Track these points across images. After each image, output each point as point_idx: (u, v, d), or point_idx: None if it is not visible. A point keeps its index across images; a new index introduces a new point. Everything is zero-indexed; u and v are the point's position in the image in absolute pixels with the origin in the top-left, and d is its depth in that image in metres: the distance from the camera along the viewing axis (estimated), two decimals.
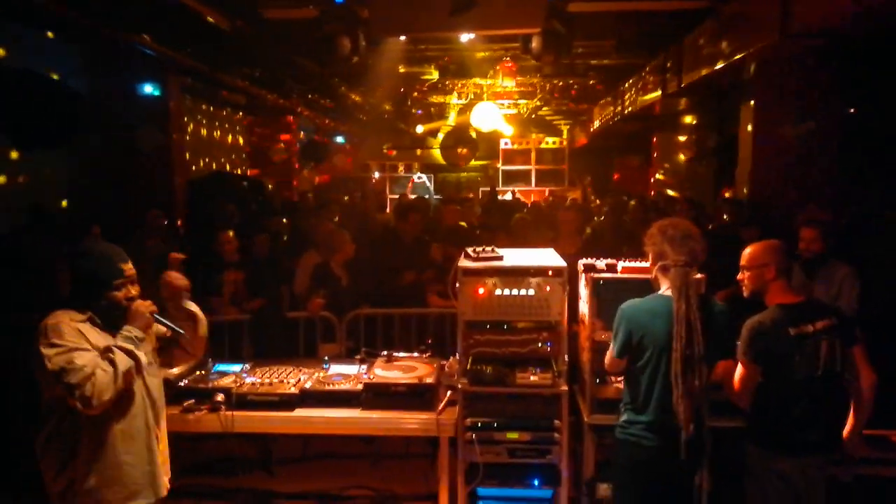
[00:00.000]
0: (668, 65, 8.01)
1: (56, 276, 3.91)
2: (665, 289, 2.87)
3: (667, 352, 2.75)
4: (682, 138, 11.66)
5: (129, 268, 2.70)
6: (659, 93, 8.45)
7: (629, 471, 2.94)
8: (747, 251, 3.06)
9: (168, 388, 3.51)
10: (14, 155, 6.64)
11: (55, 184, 7.38)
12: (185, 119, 9.06)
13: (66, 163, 7.40)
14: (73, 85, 6.71)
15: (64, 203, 7.52)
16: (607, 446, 3.28)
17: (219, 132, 10.73)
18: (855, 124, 6.28)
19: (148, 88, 7.79)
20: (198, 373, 3.75)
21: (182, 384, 3.59)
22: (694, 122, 10.70)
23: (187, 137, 9.13)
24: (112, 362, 2.53)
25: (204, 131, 10.05)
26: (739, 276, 3.09)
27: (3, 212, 6.26)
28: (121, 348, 2.57)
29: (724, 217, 6.92)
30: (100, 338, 2.59)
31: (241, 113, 11.66)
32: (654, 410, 2.82)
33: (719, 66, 6.26)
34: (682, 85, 7.46)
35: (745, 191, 7.27)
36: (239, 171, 11.44)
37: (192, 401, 3.49)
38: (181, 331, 2.97)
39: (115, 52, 6.82)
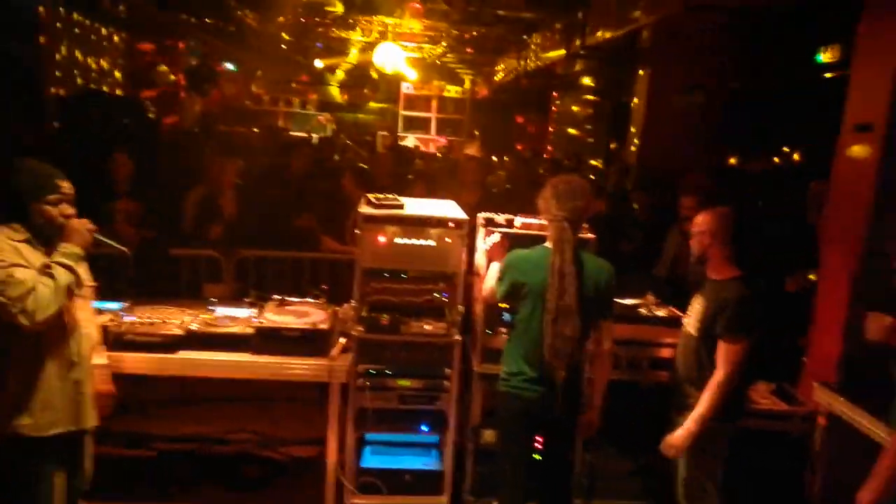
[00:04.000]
0: (575, 24, 8.10)
1: None
2: (548, 242, 2.95)
3: (542, 302, 2.85)
4: (579, 102, 11.95)
5: (66, 185, 2.64)
6: (563, 51, 8.56)
7: (510, 420, 3.05)
8: (699, 217, 3.11)
9: None
10: None
11: None
12: (58, 30, 8.14)
13: None
14: None
15: None
16: (494, 394, 3.39)
17: (97, 49, 9.73)
18: (740, 97, 6.71)
19: None
20: None
21: None
22: (593, 85, 10.97)
23: (60, 51, 8.23)
24: (52, 276, 2.49)
25: (79, 47, 9.07)
26: (690, 241, 3.15)
27: None
28: (59, 264, 2.53)
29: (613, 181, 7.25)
30: (38, 257, 2.56)
31: (122, 32, 10.60)
32: (532, 362, 2.92)
33: (622, 30, 6.41)
34: (586, 45, 7.59)
35: (633, 156, 7.60)
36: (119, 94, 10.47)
37: None
38: (124, 248, 2.93)
39: None
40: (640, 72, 7.57)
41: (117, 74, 10.38)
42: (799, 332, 4.00)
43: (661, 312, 4.00)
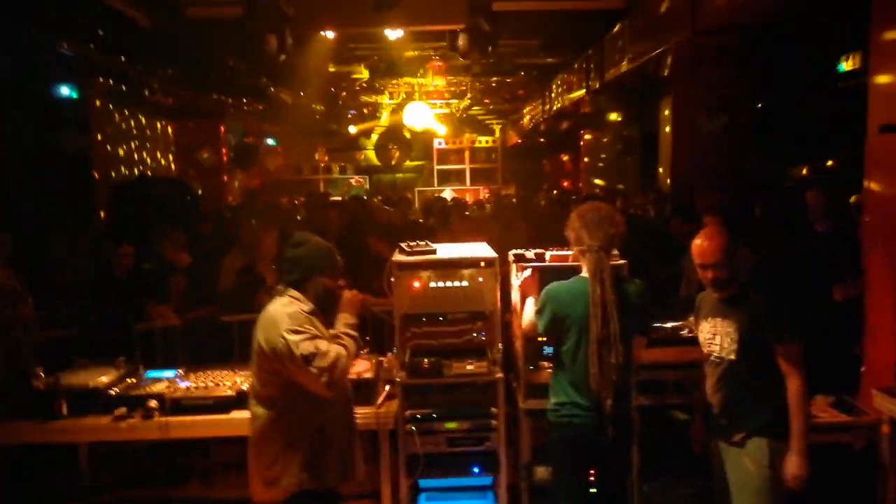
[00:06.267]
0: (591, 63, 8.27)
1: None
2: (584, 272, 2.98)
3: (586, 332, 2.86)
4: (608, 136, 12.04)
5: (340, 259, 2.90)
6: (584, 91, 8.71)
7: (563, 451, 3.02)
8: (700, 246, 2.91)
9: (97, 396, 3.44)
10: None
11: None
12: (108, 121, 8.73)
13: None
14: None
15: None
16: (542, 430, 3.38)
17: (143, 137, 10.37)
18: (765, 115, 6.68)
19: (64, 90, 7.48)
20: (128, 380, 3.65)
21: (112, 392, 3.49)
22: (619, 118, 11.07)
23: (110, 141, 8.80)
24: (345, 346, 2.71)
25: (127, 135, 9.69)
26: (704, 274, 2.92)
27: None
28: (346, 334, 2.77)
29: (650, 209, 7.23)
30: (320, 326, 2.74)
31: (166, 119, 11.29)
32: (581, 390, 2.91)
33: (637, 62, 6.52)
34: (605, 82, 7.72)
35: (667, 182, 7.59)
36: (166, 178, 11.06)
37: (124, 409, 3.40)
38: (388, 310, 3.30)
39: (34, 53, 6.52)
40: (665, 100, 7.64)
41: (163, 160, 11.00)
42: (853, 341, 3.88)
43: None
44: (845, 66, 5.80)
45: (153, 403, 3.39)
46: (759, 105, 6.87)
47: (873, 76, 3.74)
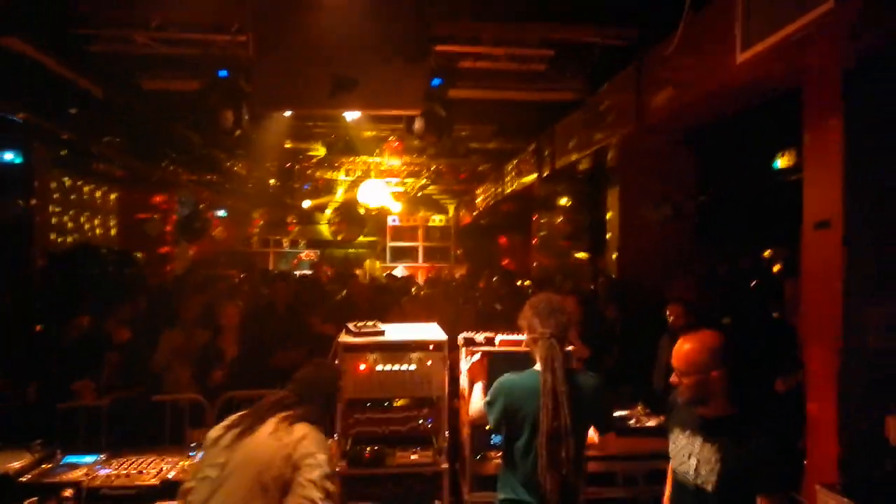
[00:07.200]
0: (544, 150, 8.55)
1: None
2: (538, 363, 2.94)
3: (538, 425, 2.79)
4: (559, 218, 12.33)
5: None
6: (535, 175, 8.96)
7: None
8: (684, 350, 2.63)
9: (6, 485, 3.15)
10: None
11: None
12: (51, 189, 8.49)
13: None
14: None
15: None
16: None
17: (89, 204, 10.11)
18: (709, 207, 6.96)
19: (9, 156, 7.28)
20: (42, 466, 3.37)
21: (23, 479, 3.21)
22: (569, 203, 11.38)
23: (52, 209, 8.54)
24: None
25: (72, 203, 9.44)
26: (674, 379, 2.67)
27: None
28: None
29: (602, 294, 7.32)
30: None
31: (113, 187, 11.08)
32: (531, 489, 2.82)
33: (585, 152, 6.77)
34: (556, 168, 7.96)
35: (613, 270, 7.74)
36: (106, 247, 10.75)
37: (35, 499, 3.13)
38: None
39: None
40: (613, 189, 7.89)
41: (111, 230, 10.71)
42: (796, 435, 3.90)
43: (651, 423, 3.92)
44: (780, 162, 6.13)
45: (68, 492, 3.14)
46: (702, 197, 7.16)
47: (807, 172, 3.93)
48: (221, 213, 15.89)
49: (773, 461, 2.51)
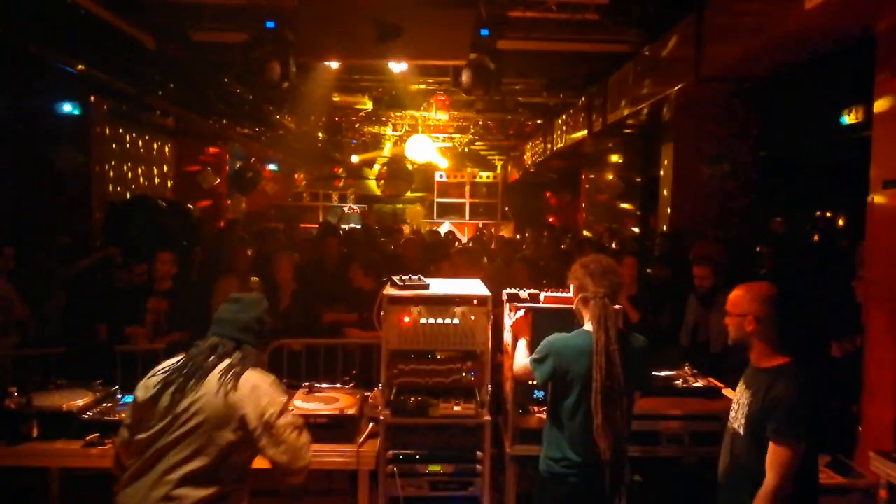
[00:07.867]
0: (595, 104, 8.31)
1: None
2: (587, 323, 2.90)
3: (588, 390, 2.77)
4: (609, 176, 12.07)
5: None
6: (585, 131, 8.74)
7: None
8: (733, 293, 2.70)
9: (69, 420, 3.32)
10: None
11: None
12: (107, 140, 8.73)
13: None
14: None
15: None
16: (529, 477, 3.26)
17: (144, 156, 10.37)
18: (768, 164, 6.68)
19: (67, 107, 7.49)
20: (104, 405, 3.53)
21: (86, 416, 3.37)
22: (620, 160, 11.10)
23: (109, 160, 8.80)
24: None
25: (127, 155, 9.69)
26: (726, 320, 2.72)
27: None
28: None
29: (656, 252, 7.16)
30: None
31: (167, 139, 11.32)
32: (577, 448, 2.82)
33: (639, 107, 6.54)
34: (607, 124, 7.74)
35: (664, 228, 7.55)
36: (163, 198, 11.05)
37: (97, 434, 3.28)
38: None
39: (35, 70, 6.53)
40: (667, 145, 7.64)
41: (158, 179, 11.00)
42: (851, 399, 3.79)
43: (699, 383, 3.85)
44: (848, 119, 5.81)
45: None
46: (762, 154, 6.87)
47: (876, 129, 3.71)
48: (272, 166, 16.10)
49: (792, 408, 2.45)
